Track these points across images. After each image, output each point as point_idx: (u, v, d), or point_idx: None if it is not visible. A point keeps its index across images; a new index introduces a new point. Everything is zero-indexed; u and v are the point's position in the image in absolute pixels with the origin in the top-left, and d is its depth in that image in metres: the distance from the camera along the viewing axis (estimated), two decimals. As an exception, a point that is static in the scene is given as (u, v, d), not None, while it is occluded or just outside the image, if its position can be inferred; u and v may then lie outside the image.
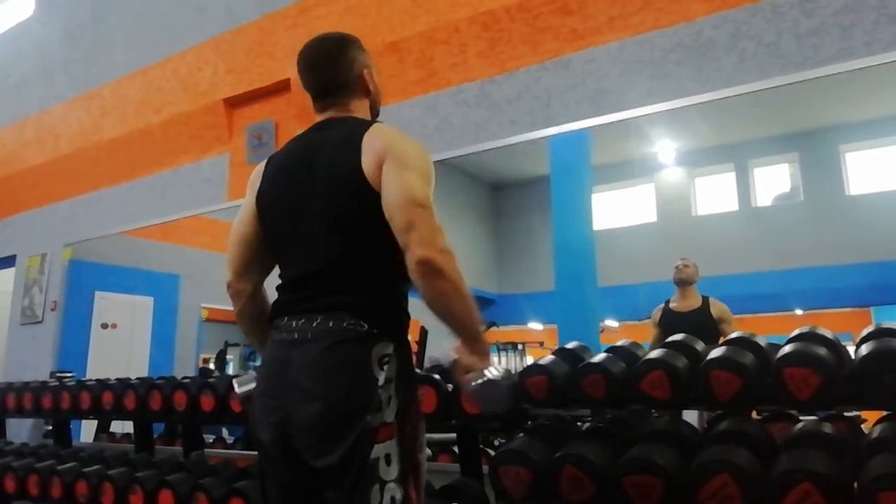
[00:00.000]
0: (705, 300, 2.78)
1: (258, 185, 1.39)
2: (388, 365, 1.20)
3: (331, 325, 1.20)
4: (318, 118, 1.40)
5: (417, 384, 1.38)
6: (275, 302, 1.34)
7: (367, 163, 1.23)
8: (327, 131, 1.35)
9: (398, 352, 1.23)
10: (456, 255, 1.19)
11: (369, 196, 1.23)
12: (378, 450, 1.15)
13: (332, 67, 1.38)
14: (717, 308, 2.78)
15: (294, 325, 1.24)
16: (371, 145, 1.25)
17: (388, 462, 1.16)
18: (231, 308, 1.47)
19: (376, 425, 1.16)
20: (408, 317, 1.31)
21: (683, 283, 2.85)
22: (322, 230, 1.26)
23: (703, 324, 2.66)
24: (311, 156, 1.32)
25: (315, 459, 1.18)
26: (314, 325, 1.21)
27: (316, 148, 1.32)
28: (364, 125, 1.31)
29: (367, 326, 1.20)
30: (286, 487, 1.25)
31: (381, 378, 1.18)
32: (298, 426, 1.18)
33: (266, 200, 1.36)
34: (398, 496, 1.16)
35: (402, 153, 1.24)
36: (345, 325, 1.20)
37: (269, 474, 1.27)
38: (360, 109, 1.40)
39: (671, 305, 2.86)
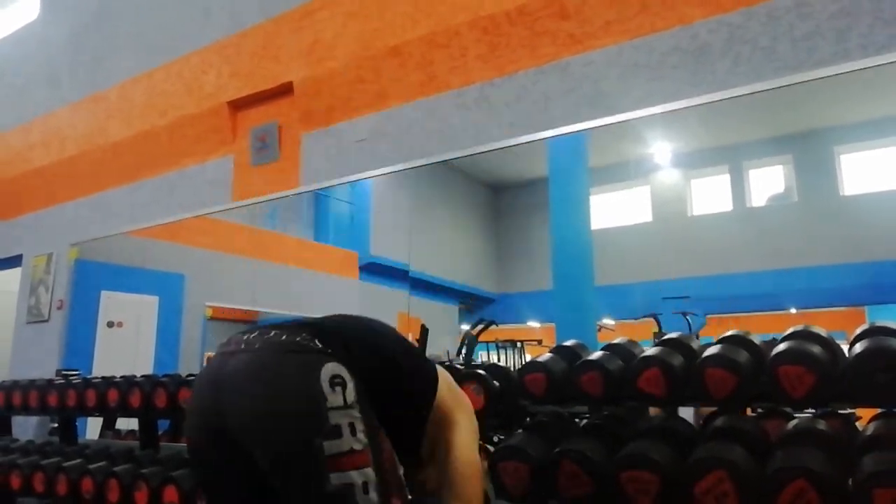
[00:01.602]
0: None
1: None
2: (343, 387, 1.10)
3: (283, 338, 1.14)
4: None
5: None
6: None
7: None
8: None
9: (356, 381, 1.13)
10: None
11: None
12: (347, 477, 1.06)
13: None
14: None
15: (244, 337, 1.18)
16: None
17: (366, 490, 1.07)
18: (234, 307, 1.50)
19: (335, 452, 1.06)
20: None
21: None
22: None
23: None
24: None
25: (261, 460, 1.09)
26: (265, 337, 1.15)
27: None
28: None
29: (321, 346, 1.13)
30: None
31: (335, 400, 1.08)
32: (236, 419, 1.11)
33: None
34: None
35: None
36: (297, 339, 1.13)
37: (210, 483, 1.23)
38: None
39: None
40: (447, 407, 1.37)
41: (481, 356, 4.36)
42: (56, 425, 3.50)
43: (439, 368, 1.43)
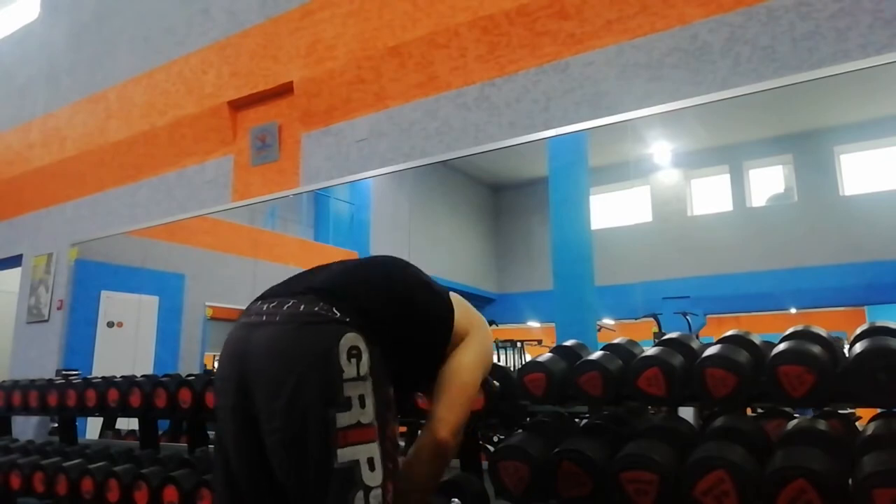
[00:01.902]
0: None
1: None
2: (358, 359, 1.11)
3: (301, 308, 1.15)
4: None
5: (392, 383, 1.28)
6: None
7: None
8: None
9: (372, 349, 1.15)
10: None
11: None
12: (353, 452, 1.07)
13: None
14: None
15: (264, 307, 1.19)
16: None
17: (372, 466, 1.08)
18: (234, 307, 1.51)
19: (345, 425, 1.07)
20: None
21: None
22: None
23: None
24: None
25: (273, 442, 1.11)
26: (284, 307, 1.16)
27: None
28: None
29: (338, 314, 1.14)
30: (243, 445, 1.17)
31: (350, 372, 1.09)
32: (257, 402, 1.12)
33: None
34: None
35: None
36: (315, 308, 1.14)
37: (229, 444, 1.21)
38: None
39: None
40: (463, 331, 1.41)
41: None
42: (56, 425, 3.51)
43: (453, 295, 1.46)
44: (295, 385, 1.08)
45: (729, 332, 1.76)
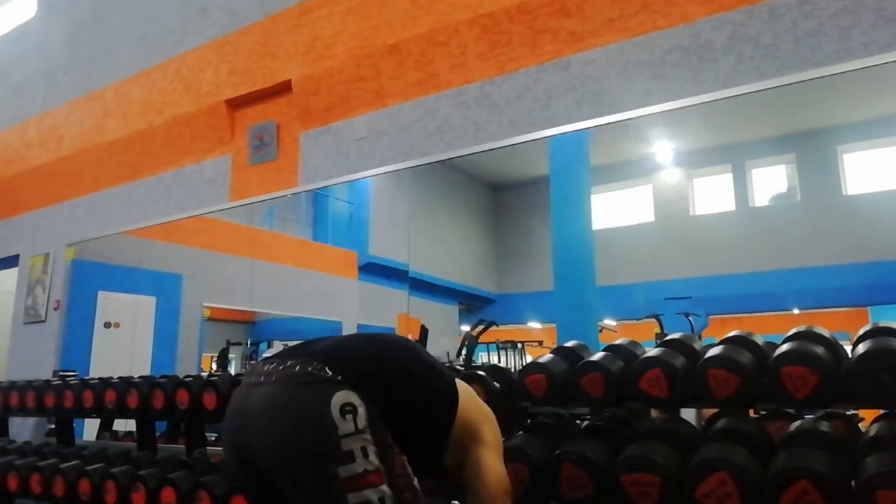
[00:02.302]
0: None
1: None
2: (354, 414, 1.15)
3: (297, 369, 1.20)
4: None
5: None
6: None
7: None
8: None
9: (368, 405, 1.18)
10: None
11: None
12: (364, 496, 1.12)
13: None
14: None
15: (265, 368, 1.25)
16: None
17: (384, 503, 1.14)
18: (232, 307, 1.52)
19: (350, 475, 1.12)
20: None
21: None
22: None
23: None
24: None
25: (282, 482, 1.19)
26: (281, 368, 1.22)
27: None
28: None
29: (330, 374, 1.18)
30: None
31: (346, 428, 1.14)
32: (261, 454, 1.20)
33: None
34: None
35: None
36: (309, 368, 1.19)
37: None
38: None
39: None
40: (471, 420, 1.40)
41: (482, 357, 4.34)
42: (53, 426, 3.49)
43: (460, 383, 1.45)
44: (292, 446, 1.15)
45: (731, 333, 1.75)
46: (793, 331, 1.66)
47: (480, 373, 1.90)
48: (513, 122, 2.57)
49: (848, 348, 1.59)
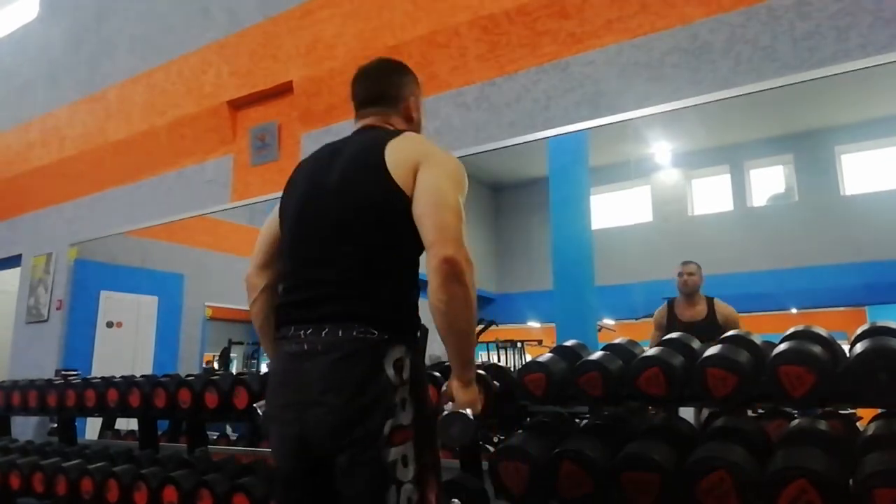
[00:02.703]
0: (710, 305, 2.71)
1: (287, 186, 1.45)
2: (403, 369, 1.21)
3: (340, 334, 1.21)
4: (356, 127, 1.45)
5: (428, 384, 1.41)
6: (280, 304, 1.35)
7: (397, 163, 1.25)
8: (357, 136, 1.40)
9: (410, 355, 1.24)
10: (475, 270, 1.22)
11: (391, 197, 1.24)
12: (395, 452, 1.17)
13: (383, 80, 1.49)
14: (723, 314, 2.69)
15: (302, 335, 1.24)
16: (404, 148, 1.28)
17: (406, 464, 1.18)
18: (234, 307, 1.52)
19: (392, 429, 1.17)
20: (418, 320, 1.31)
21: (690, 294, 2.78)
22: (332, 234, 1.28)
23: (711, 335, 2.58)
24: (332, 159, 1.36)
25: (332, 458, 1.20)
26: (322, 334, 1.22)
27: (339, 151, 1.37)
28: (395, 133, 1.35)
29: (377, 333, 1.20)
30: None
31: (397, 382, 1.20)
32: (317, 434, 1.20)
33: (284, 202, 1.43)
34: (414, 497, 1.17)
35: (440, 161, 1.29)
36: (355, 333, 1.20)
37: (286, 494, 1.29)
38: (398, 126, 1.44)
39: (677, 313, 2.77)
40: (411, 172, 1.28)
41: (481, 356, 4.35)
42: (55, 425, 3.51)
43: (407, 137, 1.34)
44: (354, 407, 1.17)
45: (729, 333, 1.76)
46: (791, 330, 1.67)
47: (480, 372, 1.91)
48: (512, 123, 2.58)
49: (846, 348, 1.60)
